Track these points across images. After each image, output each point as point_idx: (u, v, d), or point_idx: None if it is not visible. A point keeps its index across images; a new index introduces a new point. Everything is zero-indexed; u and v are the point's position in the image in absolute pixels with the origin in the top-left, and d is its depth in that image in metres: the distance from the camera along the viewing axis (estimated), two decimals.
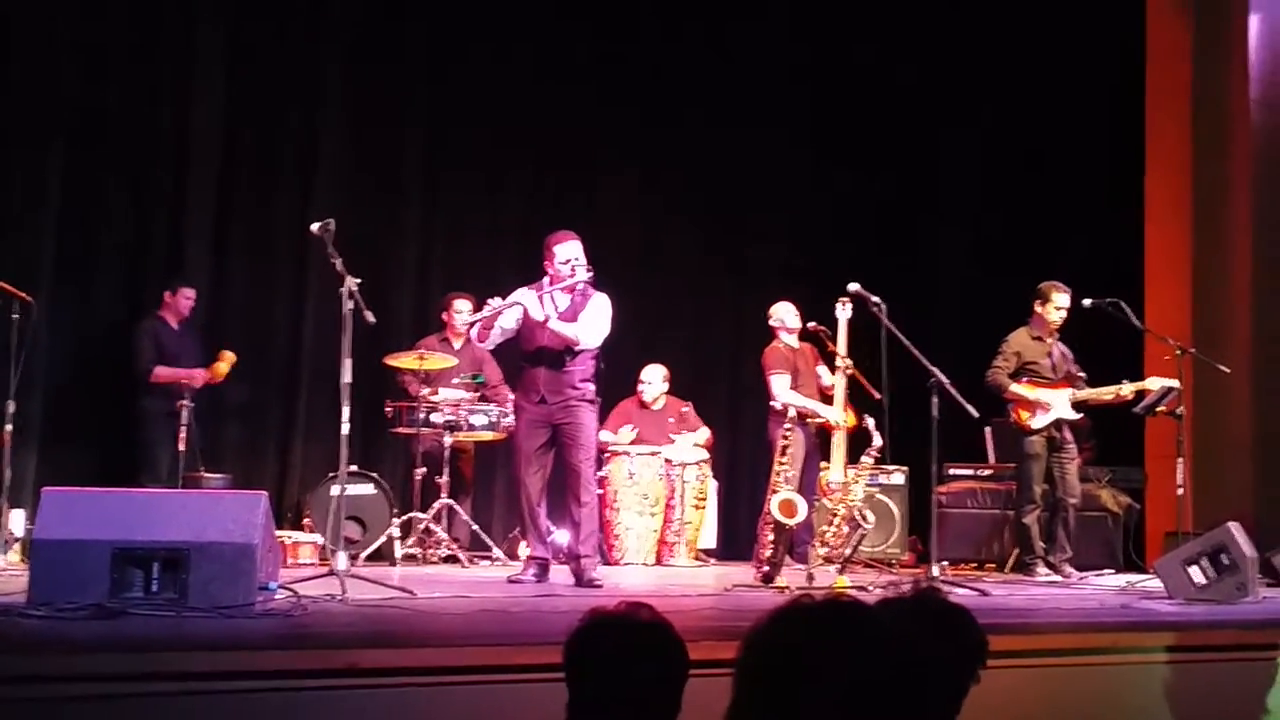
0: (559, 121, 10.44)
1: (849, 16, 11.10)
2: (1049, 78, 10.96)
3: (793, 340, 8.66)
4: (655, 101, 10.76)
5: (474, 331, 7.37)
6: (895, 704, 1.81)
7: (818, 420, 8.37)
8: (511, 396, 8.22)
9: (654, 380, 9.82)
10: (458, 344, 9.23)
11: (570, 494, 7.08)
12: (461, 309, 8.99)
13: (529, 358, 7.15)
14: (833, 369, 8.09)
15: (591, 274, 7.15)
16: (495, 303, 7.07)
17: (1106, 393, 8.42)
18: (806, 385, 8.59)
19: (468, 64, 10.32)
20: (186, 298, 8.90)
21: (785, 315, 8.65)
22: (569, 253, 7.14)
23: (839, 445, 7.92)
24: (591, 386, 7.14)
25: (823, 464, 8.63)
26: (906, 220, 11.40)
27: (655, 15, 10.94)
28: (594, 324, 7.13)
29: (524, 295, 7.12)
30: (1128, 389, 8.39)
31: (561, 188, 10.42)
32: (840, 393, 7.92)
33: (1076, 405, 8.43)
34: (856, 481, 7.77)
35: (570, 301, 7.17)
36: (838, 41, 11.19)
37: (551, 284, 7.15)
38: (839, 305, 7.88)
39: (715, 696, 1.97)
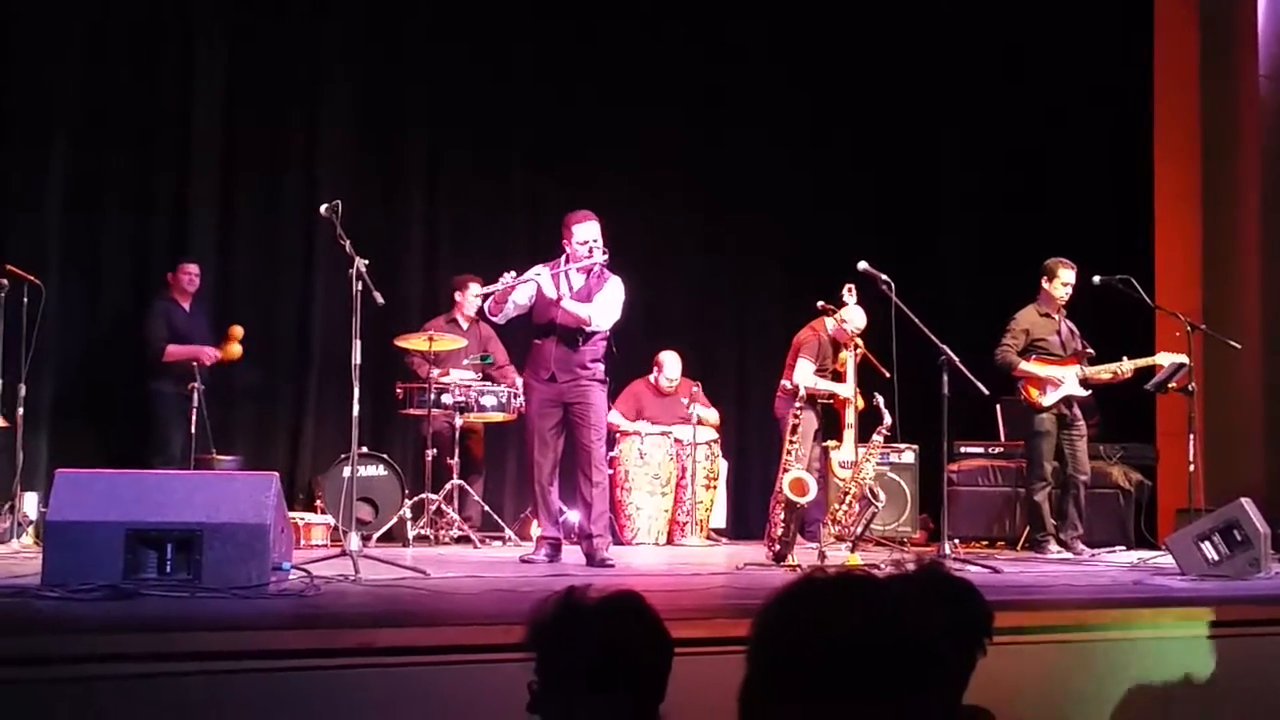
0: (561, 109, 10.48)
1: (850, 10, 11.08)
2: (1058, 55, 10.92)
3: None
4: (656, 90, 10.76)
5: (487, 305, 7.36)
6: (906, 678, 1.81)
7: (825, 400, 8.38)
8: (519, 378, 8.25)
9: (673, 373, 9.79)
10: (465, 325, 9.24)
11: (581, 474, 7.08)
12: (476, 290, 9.00)
13: (540, 333, 7.15)
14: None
15: (607, 256, 7.15)
16: (509, 277, 7.07)
17: (1105, 371, 8.39)
18: (826, 369, 8.57)
19: (472, 51, 10.32)
20: (188, 273, 8.86)
21: (854, 318, 8.19)
22: (587, 234, 7.14)
23: (850, 424, 7.92)
24: (601, 366, 7.14)
25: (832, 443, 8.65)
26: (911, 201, 11.38)
27: (661, 10, 10.92)
28: (606, 306, 7.14)
29: (540, 272, 7.13)
30: (1127, 366, 8.36)
31: (565, 170, 10.39)
32: (851, 372, 7.92)
33: (1085, 382, 8.41)
34: (867, 460, 7.78)
35: (585, 282, 7.17)
36: (839, 34, 11.17)
37: (568, 263, 7.16)
38: (845, 291, 7.86)
39: (728, 674, 1.97)
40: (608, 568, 6.82)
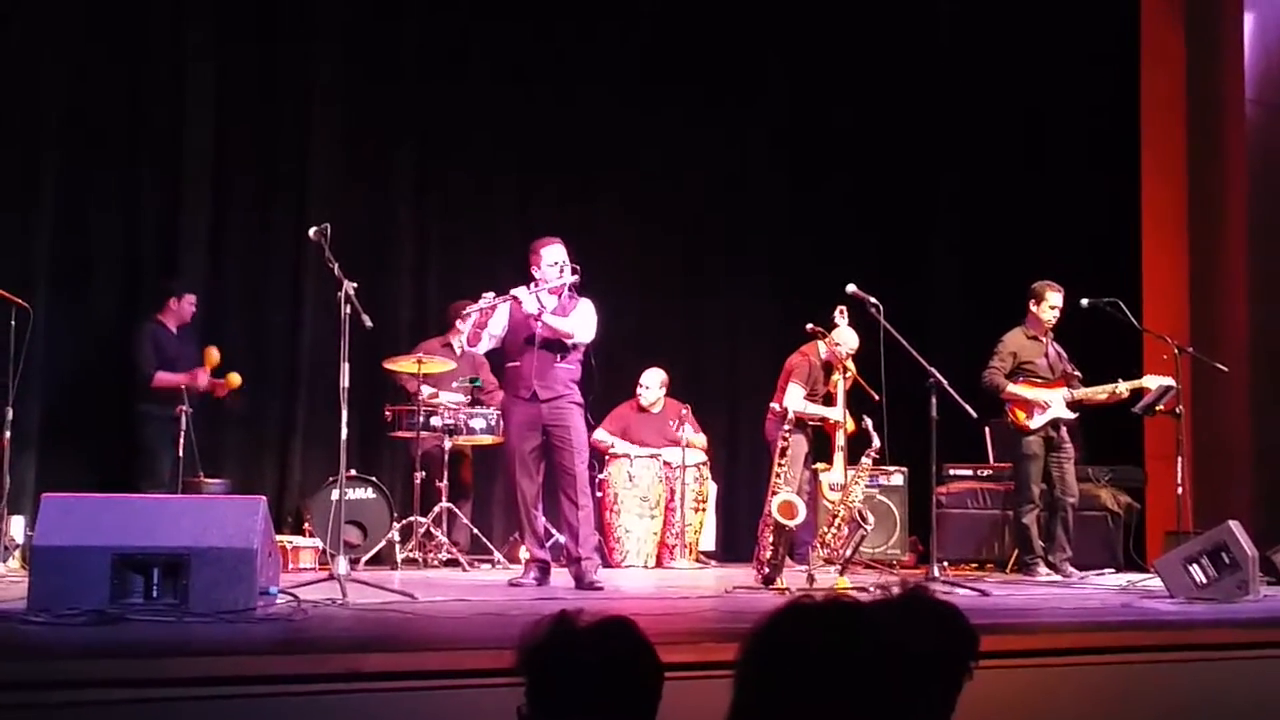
0: (552, 126, 10.46)
1: (840, 20, 11.11)
2: (1045, 78, 10.96)
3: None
4: (647, 106, 10.76)
5: (468, 333, 7.37)
6: (892, 702, 1.82)
7: (815, 424, 8.38)
8: None
9: (652, 385, 9.81)
10: (459, 349, 9.21)
11: (565, 497, 7.06)
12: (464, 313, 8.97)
13: (517, 354, 7.14)
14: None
15: (577, 277, 7.16)
16: (489, 297, 7.08)
17: (1101, 392, 8.43)
18: (816, 393, 8.57)
19: (462, 68, 10.32)
20: (190, 304, 8.88)
21: (846, 340, 8.09)
22: (555, 256, 7.18)
23: (840, 447, 7.92)
24: (578, 389, 7.15)
25: (822, 465, 8.64)
26: (902, 226, 11.39)
27: (652, 20, 10.94)
28: (584, 321, 7.17)
29: (517, 291, 7.13)
30: (1123, 387, 8.40)
31: (556, 189, 10.41)
32: (841, 395, 7.92)
33: (1072, 405, 8.43)
34: (856, 483, 7.78)
35: (558, 303, 7.19)
36: (829, 47, 11.21)
37: (538, 286, 7.17)
38: (836, 313, 7.87)
39: (716, 698, 1.97)
40: (596, 590, 6.80)
